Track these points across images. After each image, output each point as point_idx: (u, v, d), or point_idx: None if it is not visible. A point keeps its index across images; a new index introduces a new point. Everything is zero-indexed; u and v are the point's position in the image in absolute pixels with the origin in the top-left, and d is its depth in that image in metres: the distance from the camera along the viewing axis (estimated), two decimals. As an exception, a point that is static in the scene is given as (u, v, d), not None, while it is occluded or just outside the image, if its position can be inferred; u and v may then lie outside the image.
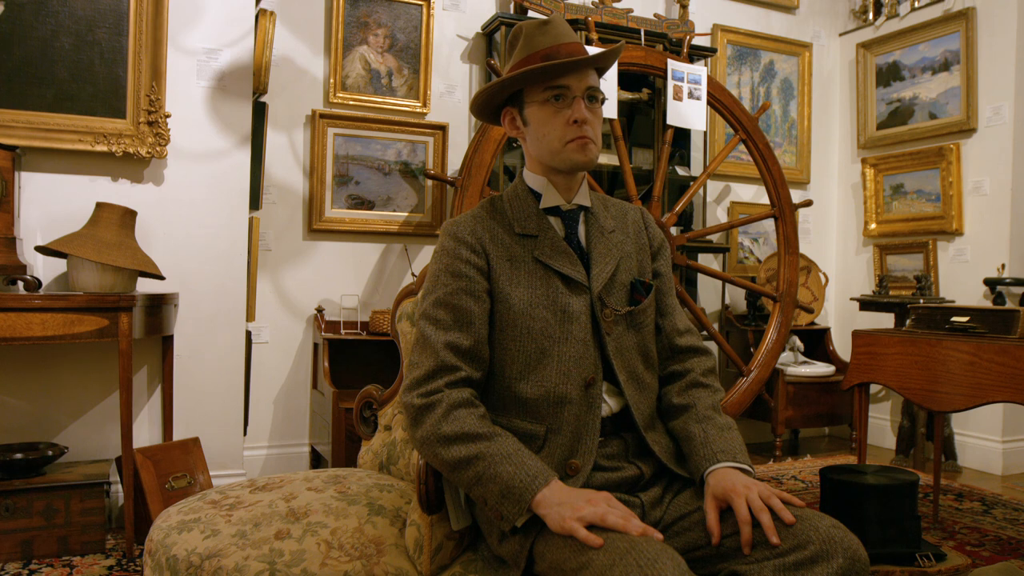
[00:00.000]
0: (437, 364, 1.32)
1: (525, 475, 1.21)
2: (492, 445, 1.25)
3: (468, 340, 1.34)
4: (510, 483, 1.21)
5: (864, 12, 4.50)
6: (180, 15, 2.81)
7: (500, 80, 1.39)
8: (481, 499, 1.25)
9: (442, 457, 1.27)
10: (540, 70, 1.34)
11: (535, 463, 1.24)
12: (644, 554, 1.05)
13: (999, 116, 3.80)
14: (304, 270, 3.44)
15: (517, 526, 1.22)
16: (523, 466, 1.22)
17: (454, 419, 1.27)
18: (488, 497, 1.23)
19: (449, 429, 1.26)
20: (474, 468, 1.23)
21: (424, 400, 1.30)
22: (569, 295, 1.38)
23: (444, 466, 1.28)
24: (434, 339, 1.34)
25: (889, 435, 4.26)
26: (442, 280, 1.38)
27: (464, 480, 1.25)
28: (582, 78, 1.37)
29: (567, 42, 1.38)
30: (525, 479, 1.20)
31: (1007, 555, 2.54)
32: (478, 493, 1.24)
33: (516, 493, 1.20)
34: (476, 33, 3.70)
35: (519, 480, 1.20)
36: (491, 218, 1.44)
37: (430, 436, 1.28)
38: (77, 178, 2.70)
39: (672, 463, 1.38)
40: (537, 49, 1.37)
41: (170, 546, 1.41)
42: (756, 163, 3.66)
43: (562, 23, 1.40)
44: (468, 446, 1.25)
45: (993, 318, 2.36)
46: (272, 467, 3.38)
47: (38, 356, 2.68)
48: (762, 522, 1.17)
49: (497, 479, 1.21)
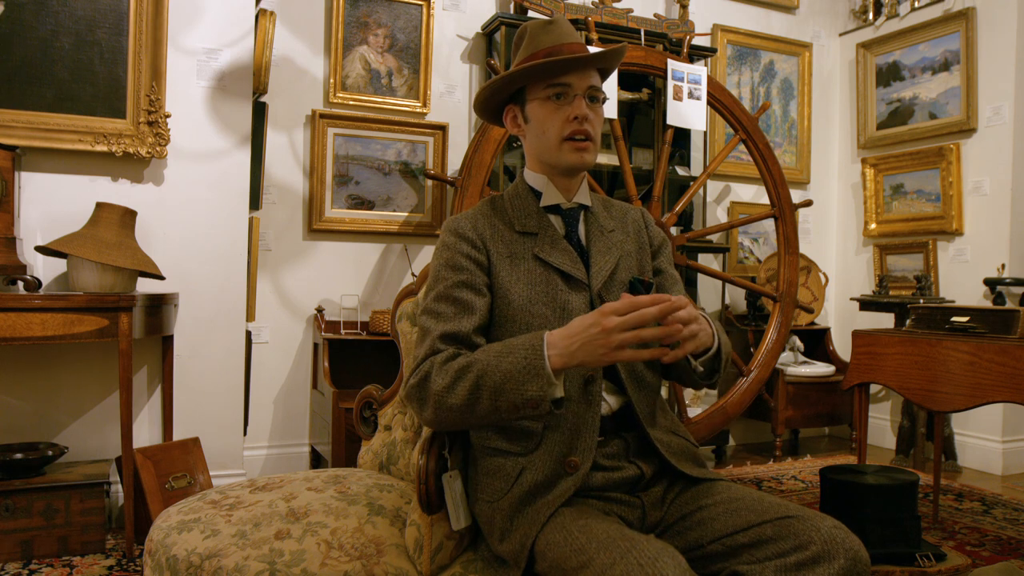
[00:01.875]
0: (431, 350, 1.32)
1: (522, 352, 1.19)
2: (480, 362, 1.23)
3: (467, 326, 1.33)
4: (518, 368, 1.18)
5: (864, 12, 4.51)
6: (180, 15, 2.81)
7: (503, 75, 1.40)
8: (512, 406, 1.20)
9: (453, 405, 1.24)
10: (542, 66, 1.36)
11: (520, 340, 1.22)
12: (645, 553, 1.05)
13: (999, 116, 3.80)
14: (304, 270, 3.44)
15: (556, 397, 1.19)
16: (514, 350, 1.20)
17: (444, 371, 1.26)
18: (516, 400, 1.19)
19: (443, 381, 1.25)
20: (485, 390, 1.21)
21: (417, 378, 1.29)
22: (568, 292, 1.38)
23: (462, 412, 1.24)
24: (433, 330, 1.34)
25: (889, 435, 4.26)
26: (443, 275, 1.39)
27: (484, 408, 1.22)
28: (584, 77, 1.38)
29: (570, 42, 1.40)
30: (527, 354, 1.19)
31: (1007, 555, 2.54)
32: (505, 404, 1.20)
33: (532, 370, 1.18)
34: (476, 33, 3.70)
35: (522, 359, 1.18)
36: (492, 216, 1.45)
37: (434, 399, 1.25)
38: (77, 178, 2.70)
39: (676, 461, 1.37)
40: (540, 47, 1.39)
41: (170, 546, 1.41)
42: (756, 163, 3.66)
43: (566, 23, 1.42)
44: (465, 379, 1.23)
45: (993, 318, 2.36)
46: (272, 467, 3.38)
47: (38, 356, 2.67)
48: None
49: (508, 377, 1.19)
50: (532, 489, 1.29)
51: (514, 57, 1.47)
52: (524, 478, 1.30)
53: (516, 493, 1.30)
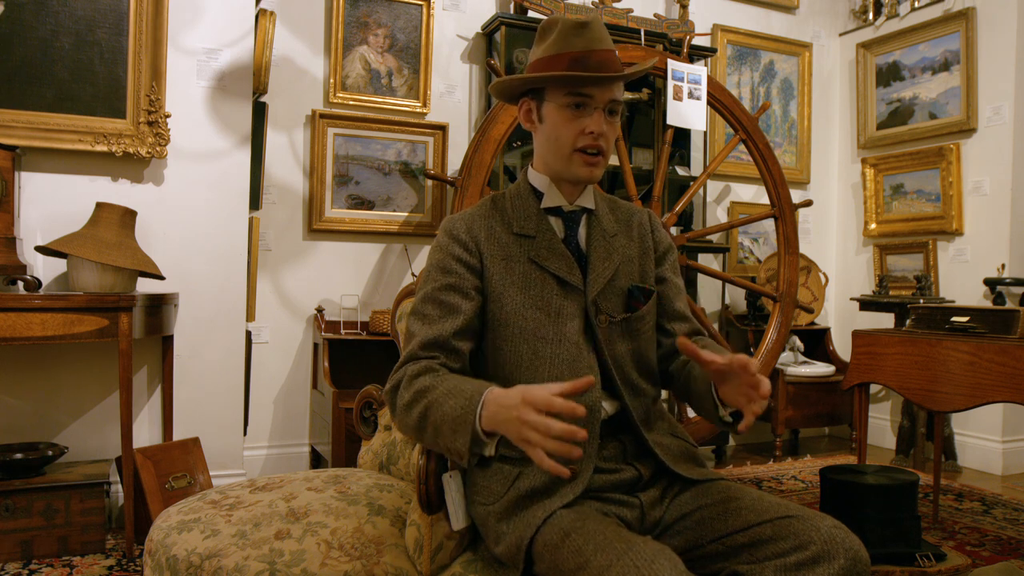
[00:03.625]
0: (409, 356, 1.31)
1: (464, 400, 1.16)
2: (436, 392, 1.21)
3: (449, 329, 1.32)
4: (453, 416, 1.16)
5: (864, 12, 4.50)
6: (180, 15, 2.81)
7: (525, 77, 1.37)
8: (447, 450, 1.19)
9: (408, 424, 1.25)
10: (567, 78, 1.32)
11: (468, 386, 1.18)
12: (642, 554, 1.05)
13: (999, 116, 3.80)
14: (304, 270, 3.44)
15: (486, 454, 1.17)
16: (460, 393, 1.17)
17: (411, 386, 1.26)
18: (446, 444, 1.17)
19: (405, 397, 1.25)
20: (429, 423, 1.20)
21: (390, 384, 1.30)
22: (563, 298, 1.37)
23: (415, 432, 1.25)
24: (416, 333, 1.34)
25: (889, 435, 4.26)
26: (432, 276, 1.38)
27: (428, 438, 1.21)
28: (606, 90, 1.34)
29: (601, 48, 1.34)
30: (465, 405, 1.15)
31: (1007, 555, 2.54)
32: (443, 444, 1.19)
33: (463, 423, 1.14)
34: (476, 33, 3.70)
35: (460, 408, 1.15)
36: (490, 216, 1.43)
37: (397, 411, 1.27)
38: (77, 178, 2.70)
39: (673, 463, 1.37)
40: (571, 50, 1.33)
41: (170, 546, 1.41)
42: (756, 163, 3.66)
43: (599, 27, 1.36)
44: (420, 403, 1.22)
45: (993, 318, 2.36)
46: (272, 467, 3.38)
47: (38, 356, 2.68)
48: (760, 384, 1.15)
49: (445, 421, 1.17)
50: (528, 494, 1.28)
51: (535, 45, 1.41)
52: (521, 483, 1.30)
53: (511, 497, 1.29)
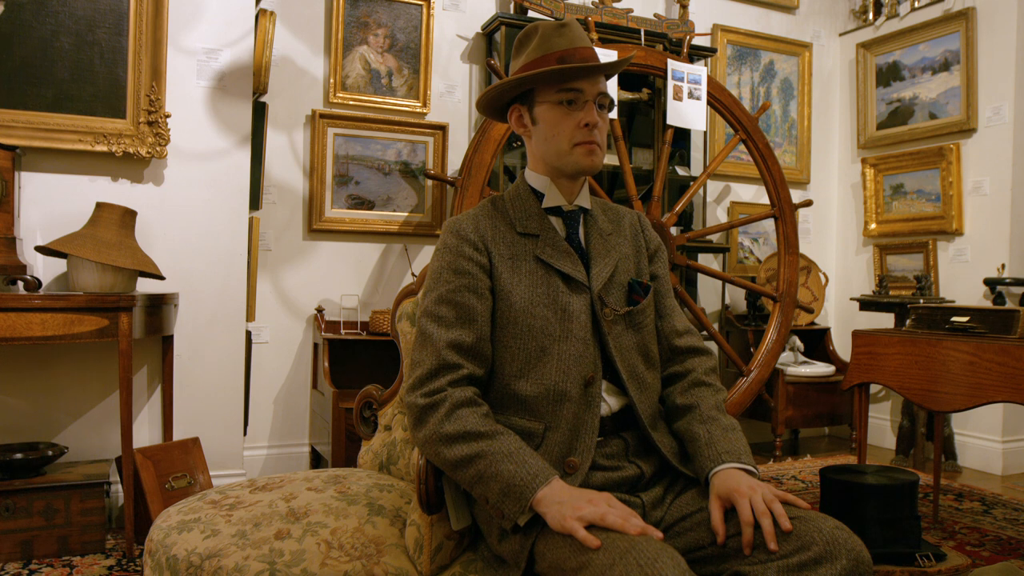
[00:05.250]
0: (439, 363, 1.32)
1: (526, 473, 1.21)
2: (494, 443, 1.25)
3: (470, 337, 1.34)
4: (511, 481, 1.21)
5: (864, 12, 4.50)
6: (180, 15, 2.81)
7: (517, 77, 1.40)
8: (483, 497, 1.25)
9: (444, 456, 1.27)
10: (559, 72, 1.36)
11: (536, 461, 1.24)
12: (644, 553, 1.05)
13: (999, 116, 3.80)
14: (304, 270, 3.44)
15: (519, 524, 1.22)
16: (524, 464, 1.22)
17: (456, 418, 1.27)
18: (489, 495, 1.23)
19: (452, 428, 1.27)
20: (475, 466, 1.24)
21: (428, 400, 1.30)
22: (569, 294, 1.39)
23: (446, 465, 1.28)
24: (436, 337, 1.34)
25: (889, 435, 4.26)
26: (444, 277, 1.39)
27: (466, 479, 1.26)
28: (595, 83, 1.39)
29: (582, 46, 1.40)
30: (526, 477, 1.21)
31: (1007, 555, 2.54)
32: (479, 491, 1.25)
33: (517, 491, 1.20)
34: (476, 33, 3.70)
35: (520, 478, 1.21)
36: (493, 217, 1.45)
37: (432, 436, 1.28)
38: (77, 178, 2.70)
39: (678, 462, 1.38)
40: (553, 50, 1.39)
41: (170, 546, 1.41)
42: (756, 163, 3.66)
43: (578, 27, 1.43)
44: (470, 445, 1.25)
45: (993, 318, 2.36)
46: (272, 467, 3.38)
47: (38, 356, 2.67)
48: (763, 526, 1.16)
49: (498, 477, 1.22)
50: None
51: (515, 56, 1.46)
52: None
53: None
